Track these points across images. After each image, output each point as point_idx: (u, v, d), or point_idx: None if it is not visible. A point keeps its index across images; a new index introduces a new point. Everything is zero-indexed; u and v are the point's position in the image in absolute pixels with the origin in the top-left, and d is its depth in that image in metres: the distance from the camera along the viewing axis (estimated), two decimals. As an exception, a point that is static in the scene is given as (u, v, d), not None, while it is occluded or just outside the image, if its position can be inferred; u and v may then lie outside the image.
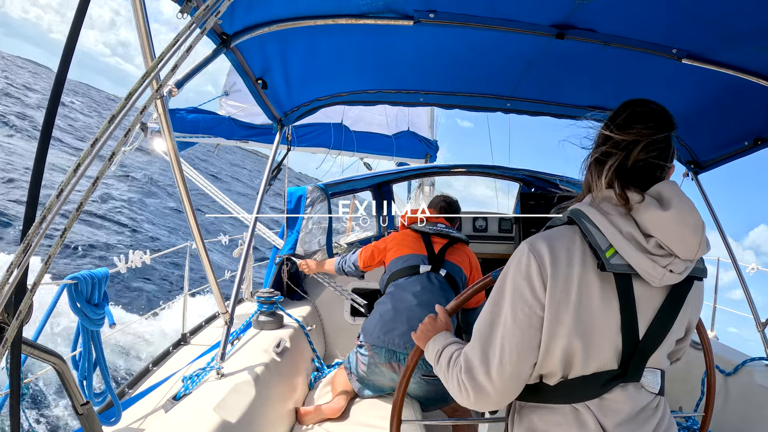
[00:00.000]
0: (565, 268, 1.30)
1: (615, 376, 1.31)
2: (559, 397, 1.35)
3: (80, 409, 1.42)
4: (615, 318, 1.29)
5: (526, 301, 1.32)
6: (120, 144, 1.11)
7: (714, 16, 2.06)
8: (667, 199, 1.28)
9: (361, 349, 3.16)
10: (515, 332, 1.32)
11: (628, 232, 1.27)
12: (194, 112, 6.28)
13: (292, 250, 4.20)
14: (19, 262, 0.98)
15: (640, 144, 1.33)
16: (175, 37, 1.19)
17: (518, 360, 1.32)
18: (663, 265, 1.25)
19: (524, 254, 1.35)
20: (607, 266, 1.26)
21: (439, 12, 2.21)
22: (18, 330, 1.01)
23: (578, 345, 1.29)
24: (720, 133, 3.08)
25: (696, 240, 1.25)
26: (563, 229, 1.38)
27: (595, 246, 1.29)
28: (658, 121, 1.38)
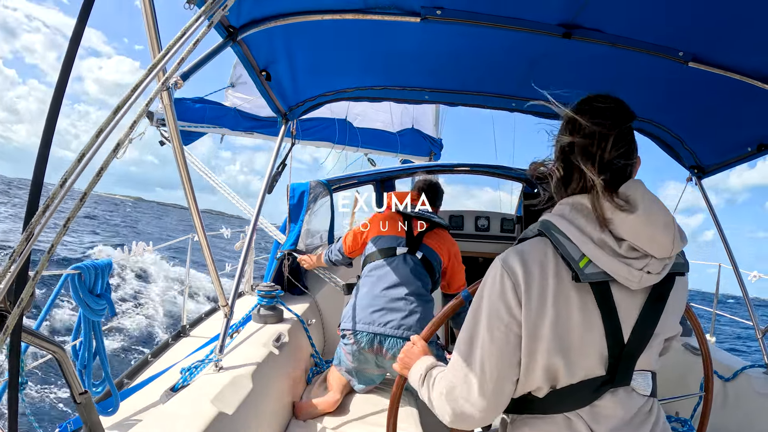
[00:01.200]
0: (539, 283, 1.27)
1: (604, 382, 1.29)
2: (549, 407, 1.33)
3: (78, 398, 1.42)
4: (597, 327, 1.27)
5: (502, 319, 1.30)
6: (126, 135, 1.11)
7: (721, 20, 2.05)
8: (633, 201, 1.26)
9: (344, 339, 3.18)
10: (493, 351, 1.30)
11: (599, 238, 1.25)
12: (200, 102, 6.29)
13: (293, 246, 4.20)
14: (22, 251, 0.98)
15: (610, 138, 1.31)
16: (182, 30, 1.19)
17: (499, 378, 1.31)
18: (639, 268, 1.23)
19: (497, 272, 1.33)
20: (581, 277, 1.24)
21: (446, 9, 2.21)
22: (19, 318, 1.01)
23: (559, 361, 1.27)
24: (724, 138, 3.07)
25: (668, 238, 1.23)
26: (535, 242, 1.35)
27: (567, 257, 1.26)
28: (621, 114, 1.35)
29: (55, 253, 1.05)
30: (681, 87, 2.69)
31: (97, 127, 1.07)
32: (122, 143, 1.13)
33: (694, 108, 2.92)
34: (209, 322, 3.89)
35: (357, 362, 3.12)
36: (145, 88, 1.14)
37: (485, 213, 5.17)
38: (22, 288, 1.01)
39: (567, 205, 1.34)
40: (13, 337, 1.08)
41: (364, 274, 3.38)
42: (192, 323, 3.76)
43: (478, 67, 2.90)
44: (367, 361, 3.10)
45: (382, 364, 3.10)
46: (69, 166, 1.03)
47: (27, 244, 0.99)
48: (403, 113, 7.93)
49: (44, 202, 1.00)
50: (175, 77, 1.73)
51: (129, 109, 1.12)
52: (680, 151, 3.37)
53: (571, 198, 1.35)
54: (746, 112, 2.71)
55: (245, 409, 2.14)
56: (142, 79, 1.13)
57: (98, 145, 1.07)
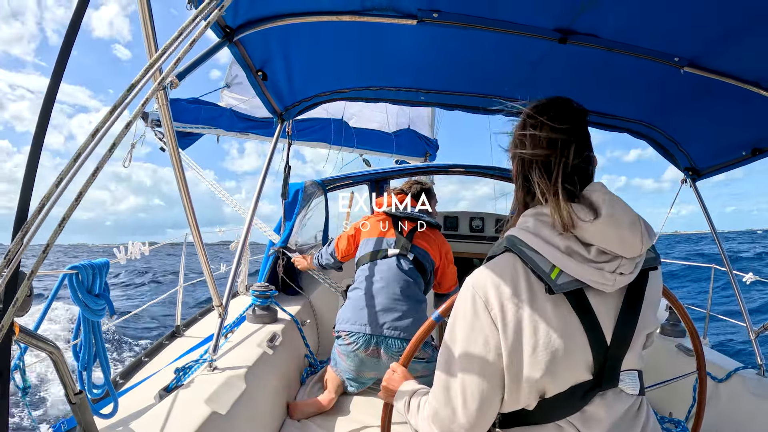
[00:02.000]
0: (514, 302, 1.25)
1: (592, 387, 1.27)
2: (539, 418, 1.30)
3: (73, 399, 1.42)
4: (579, 335, 1.25)
5: (477, 341, 1.28)
6: (121, 135, 1.11)
7: (717, 26, 2.06)
8: (596, 204, 1.25)
9: (339, 341, 3.19)
10: (472, 373, 1.28)
11: (567, 246, 1.23)
12: (195, 103, 6.27)
13: (284, 243, 4.20)
14: (17, 251, 0.98)
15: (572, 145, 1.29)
16: (179, 30, 1.19)
17: (480, 398, 1.28)
18: (611, 271, 1.22)
19: (468, 294, 1.31)
20: (555, 288, 1.22)
21: (443, 12, 2.21)
22: (11, 318, 1.01)
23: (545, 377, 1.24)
24: (719, 142, 3.09)
25: (636, 237, 1.22)
26: (503, 259, 1.32)
27: (538, 271, 1.24)
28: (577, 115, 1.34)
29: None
30: (676, 91, 2.71)
31: (93, 127, 1.07)
32: (118, 143, 1.13)
33: (689, 111, 2.93)
34: (203, 322, 3.89)
35: (352, 363, 3.12)
36: (142, 88, 1.14)
37: (480, 214, 5.18)
38: (16, 288, 1.01)
39: (530, 217, 1.32)
40: (5, 336, 1.08)
41: (357, 276, 3.39)
42: (186, 323, 3.75)
43: (474, 69, 2.90)
44: (364, 363, 3.11)
45: (378, 366, 3.11)
46: (65, 165, 1.03)
47: (21, 245, 0.99)
48: (399, 114, 7.94)
49: (39, 202, 1.00)
50: (171, 77, 1.73)
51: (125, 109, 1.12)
52: (675, 153, 3.39)
53: (532, 209, 1.34)
54: (741, 117, 2.73)
55: (239, 409, 2.14)
56: (138, 79, 1.13)
57: (94, 145, 1.06)
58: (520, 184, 1.40)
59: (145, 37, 1.68)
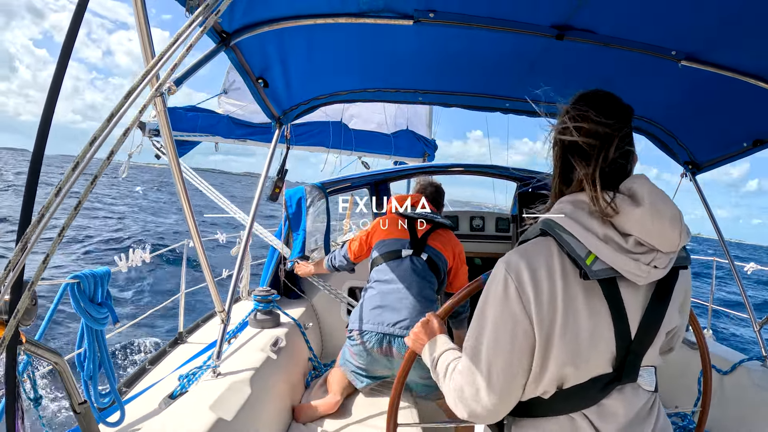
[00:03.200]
0: (548, 286, 1.25)
1: (611, 380, 1.28)
2: (555, 408, 1.32)
3: (78, 408, 1.41)
4: (606, 324, 1.25)
5: (506, 325, 1.28)
6: (119, 143, 1.11)
7: (713, 19, 2.06)
8: (639, 195, 1.24)
9: (351, 340, 3.19)
10: (498, 355, 1.29)
11: (605, 234, 1.23)
12: (192, 111, 6.26)
13: (301, 253, 4.20)
14: (17, 261, 0.98)
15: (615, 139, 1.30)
16: (175, 35, 1.19)
17: (505, 381, 1.29)
18: (646, 263, 1.21)
19: (501, 276, 1.31)
20: (590, 274, 1.22)
21: (439, 12, 2.21)
22: (15, 329, 1.01)
23: (569, 364, 1.25)
24: (719, 135, 3.08)
25: (675, 231, 1.22)
26: (539, 243, 1.33)
27: (574, 255, 1.24)
28: (623, 112, 1.35)
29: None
30: (674, 85, 2.70)
31: (91, 135, 1.06)
32: (116, 150, 1.12)
33: (688, 105, 2.93)
34: (206, 328, 3.88)
35: (364, 362, 3.13)
36: (139, 94, 1.13)
37: (480, 213, 5.17)
38: (18, 299, 1.01)
39: (567, 203, 1.32)
40: (10, 347, 1.08)
41: (371, 276, 3.39)
42: (189, 329, 3.75)
43: (472, 68, 2.90)
44: (376, 361, 3.11)
45: (390, 364, 3.11)
46: (64, 175, 1.02)
47: (22, 255, 0.98)
48: (397, 114, 7.93)
49: (38, 211, 1.00)
50: (169, 83, 1.73)
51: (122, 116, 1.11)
52: (674, 148, 3.38)
53: (570, 196, 1.34)
54: (740, 109, 2.72)
55: (244, 415, 2.13)
56: (136, 86, 1.12)
57: (92, 153, 1.06)
58: (559, 171, 1.40)
59: (141, 43, 1.68)
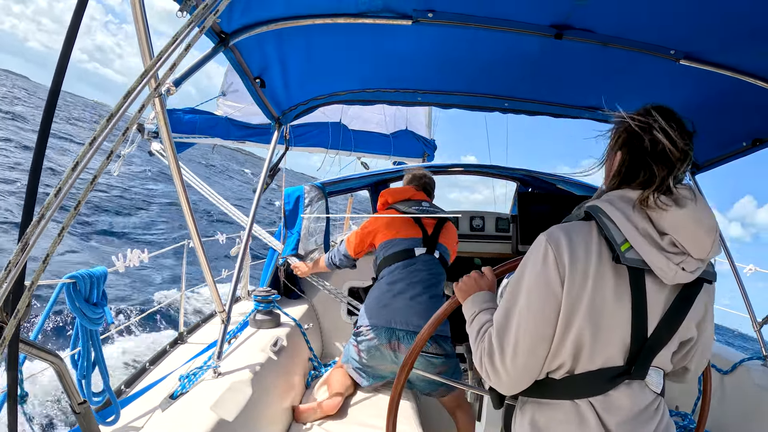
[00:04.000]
0: (583, 260, 1.32)
1: (621, 373, 1.34)
2: (563, 392, 1.37)
3: (77, 408, 1.42)
4: (626, 312, 1.32)
5: (540, 292, 1.34)
6: (118, 142, 1.11)
7: (712, 18, 2.06)
8: (683, 201, 1.32)
9: (358, 337, 3.21)
10: (529, 322, 1.35)
11: (643, 228, 1.31)
12: (191, 113, 6.25)
13: (294, 251, 4.19)
14: (17, 261, 0.98)
15: (688, 159, 1.37)
16: (174, 36, 1.19)
17: (531, 350, 1.35)
18: (676, 263, 1.28)
19: (542, 245, 1.38)
20: (621, 259, 1.29)
21: (438, 11, 2.21)
22: (16, 329, 1.01)
23: (588, 335, 1.31)
24: (718, 134, 3.08)
25: (709, 240, 1.29)
26: (580, 224, 1.41)
27: (611, 239, 1.32)
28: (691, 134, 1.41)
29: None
30: (674, 84, 2.70)
31: (91, 136, 1.06)
32: (115, 150, 1.12)
33: (687, 105, 2.92)
34: (206, 328, 3.88)
35: (371, 359, 3.15)
36: (138, 95, 1.13)
37: (479, 213, 5.16)
38: (18, 298, 1.01)
39: (615, 196, 1.40)
40: (10, 347, 1.08)
41: (382, 274, 3.39)
42: (189, 330, 3.74)
43: (471, 68, 2.90)
44: (384, 357, 3.13)
45: (397, 361, 3.12)
46: (63, 175, 1.02)
47: (22, 255, 0.98)
48: (396, 114, 7.94)
49: (38, 211, 1.00)
50: (168, 83, 1.73)
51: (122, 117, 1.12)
52: None
53: (619, 191, 1.41)
54: (739, 108, 2.72)
55: (245, 415, 2.13)
56: (135, 86, 1.13)
57: (92, 154, 1.06)
58: (619, 169, 1.45)
59: (140, 43, 1.68)
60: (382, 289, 3.29)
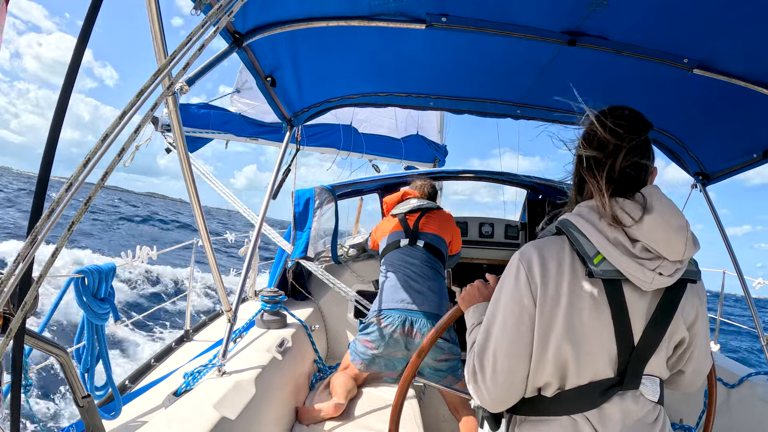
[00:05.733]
0: (555, 277, 1.32)
1: (612, 385, 1.31)
2: (557, 409, 1.35)
3: (81, 402, 1.42)
4: (607, 325, 1.30)
5: (514, 311, 1.34)
6: (130, 140, 1.12)
7: (726, 28, 2.05)
8: (649, 204, 1.30)
9: (366, 329, 3.35)
10: (506, 341, 1.34)
11: (614, 237, 1.29)
12: (205, 108, 6.30)
13: (303, 254, 4.20)
14: (26, 254, 0.99)
15: (622, 150, 1.36)
16: (188, 35, 1.20)
17: (510, 369, 1.34)
18: (651, 269, 1.26)
19: (514, 263, 1.39)
20: (594, 273, 1.28)
21: (452, 16, 2.21)
22: (22, 321, 1.02)
23: (569, 353, 1.29)
24: (729, 145, 3.06)
25: (681, 240, 1.26)
26: (553, 239, 1.40)
27: (582, 254, 1.31)
28: (635, 125, 1.41)
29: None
30: (686, 94, 2.69)
31: (103, 132, 1.07)
32: (127, 148, 1.13)
33: (699, 115, 2.91)
34: (212, 326, 3.90)
35: (384, 347, 3.28)
36: (151, 93, 1.14)
37: (489, 219, 5.16)
38: (25, 291, 1.02)
39: (585, 207, 1.39)
40: (16, 339, 1.09)
41: (381, 270, 3.70)
42: (195, 328, 3.76)
43: (483, 74, 2.90)
44: (397, 343, 3.28)
45: (410, 345, 3.28)
46: (75, 170, 1.03)
47: (31, 248, 0.99)
48: (407, 119, 7.94)
49: (49, 206, 1.01)
50: (181, 82, 1.75)
51: (134, 114, 1.12)
52: (685, 158, 3.36)
53: (587, 202, 1.40)
54: (751, 119, 2.70)
55: (248, 414, 2.14)
56: (148, 84, 1.13)
57: (104, 150, 1.07)
58: (575, 180, 1.49)
59: (154, 42, 1.69)
60: (383, 282, 3.56)
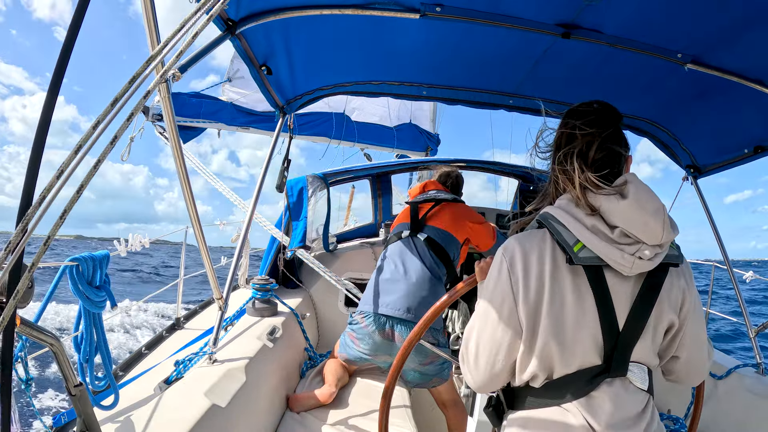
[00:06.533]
0: (537, 268, 1.35)
1: (599, 372, 1.33)
2: (546, 398, 1.37)
3: (73, 390, 1.42)
4: (591, 312, 1.32)
5: (495, 300, 1.39)
6: (123, 127, 1.11)
7: (720, 24, 2.05)
8: (626, 190, 1.33)
9: (352, 325, 3.22)
10: (485, 331, 1.40)
11: (592, 225, 1.32)
12: (196, 97, 6.25)
13: (302, 243, 4.20)
14: (17, 242, 0.98)
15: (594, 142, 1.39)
16: (181, 23, 1.19)
17: (488, 357, 1.40)
18: (631, 253, 1.28)
19: (498, 258, 1.43)
20: (575, 260, 1.31)
21: (446, 6, 2.20)
22: (13, 310, 1.01)
23: (554, 345, 1.32)
24: (721, 139, 3.08)
25: (658, 223, 1.28)
26: (534, 232, 1.44)
27: (562, 243, 1.34)
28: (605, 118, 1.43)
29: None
30: (679, 88, 2.70)
31: (95, 119, 1.06)
32: (120, 135, 1.12)
33: (692, 109, 2.92)
34: (203, 315, 3.89)
35: (367, 346, 3.15)
36: (144, 80, 1.13)
37: (481, 209, 5.17)
38: (17, 280, 1.01)
39: (564, 199, 1.42)
40: (8, 328, 1.08)
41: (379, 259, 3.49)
42: (186, 316, 3.76)
43: (477, 64, 2.89)
44: (378, 347, 3.12)
45: (391, 350, 3.12)
46: (66, 157, 1.02)
47: (23, 237, 0.98)
48: (400, 108, 7.91)
49: (40, 193, 1.00)
50: (174, 70, 1.73)
51: (127, 101, 1.11)
52: (677, 151, 3.38)
53: (566, 194, 1.43)
54: (743, 115, 2.72)
55: (239, 402, 2.14)
56: (140, 71, 1.12)
57: (95, 137, 1.06)
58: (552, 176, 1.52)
59: (147, 29, 1.67)
60: (375, 274, 3.35)
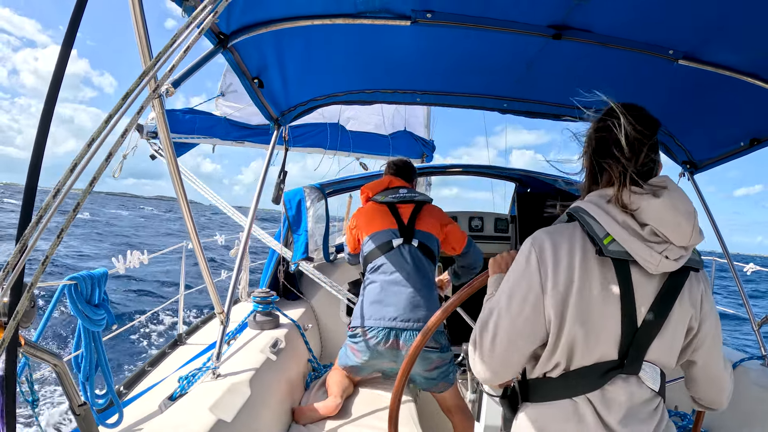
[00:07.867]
0: (567, 259, 1.36)
1: (613, 367, 1.35)
2: (560, 390, 1.39)
3: (77, 410, 1.41)
4: (615, 304, 1.34)
5: (521, 289, 1.39)
6: (117, 144, 1.11)
7: (710, 18, 2.06)
8: (658, 189, 1.35)
9: (354, 338, 3.17)
10: (506, 321, 1.39)
11: (623, 220, 1.34)
12: (189, 113, 6.25)
13: (305, 255, 4.19)
14: (16, 263, 0.98)
15: (645, 147, 1.40)
16: (173, 37, 1.19)
17: (507, 345, 1.39)
18: (659, 252, 1.30)
19: (527, 248, 1.43)
20: (604, 251, 1.33)
21: (437, 12, 2.21)
22: (15, 331, 1.01)
23: (580, 332, 1.33)
24: (716, 134, 3.09)
25: (689, 226, 1.31)
26: (564, 225, 1.46)
27: (593, 235, 1.36)
28: (653, 125, 1.44)
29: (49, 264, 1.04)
30: (672, 84, 2.70)
31: (89, 137, 1.06)
32: (114, 152, 1.12)
33: (686, 105, 2.93)
34: (205, 329, 3.88)
35: (369, 357, 3.11)
36: (137, 96, 1.13)
37: (479, 213, 5.17)
38: (17, 300, 1.01)
39: (595, 195, 1.45)
40: (9, 349, 1.08)
41: (367, 271, 3.35)
42: (188, 331, 3.74)
43: (470, 68, 2.90)
44: (381, 356, 3.10)
45: (397, 357, 3.10)
46: (61, 176, 1.02)
47: (21, 257, 0.98)
48: (395, 116, 7.92)
49: (37, 213, 1.00)
50: (167, 85, 1.73)
51: (121, 118, 1.11)
52: (672, 148, 3.39)
53: (599, 190, 1.46)
54: (737, 108, 2.73)
55: (244, 416, 2.13)
56: (134, 87, 1.12)
57: (90, 155, 1.06)
58: (589, 171, 1.53)
59: (139, 44, 1.67)
60: (369, 287, 3.26)
